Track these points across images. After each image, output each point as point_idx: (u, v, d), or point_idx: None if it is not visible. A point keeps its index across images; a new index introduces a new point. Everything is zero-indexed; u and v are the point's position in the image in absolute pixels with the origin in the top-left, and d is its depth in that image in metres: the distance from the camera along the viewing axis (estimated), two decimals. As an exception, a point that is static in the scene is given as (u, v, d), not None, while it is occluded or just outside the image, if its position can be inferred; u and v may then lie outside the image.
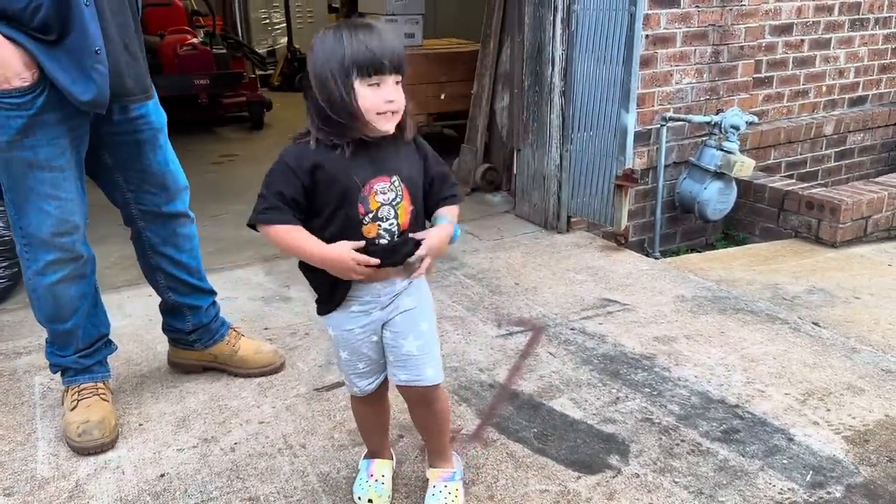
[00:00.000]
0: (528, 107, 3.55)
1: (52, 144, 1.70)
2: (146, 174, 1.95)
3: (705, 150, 3.60)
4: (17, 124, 1.66)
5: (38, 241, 1.80)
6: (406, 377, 1.56)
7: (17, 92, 1.62)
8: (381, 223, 1.45)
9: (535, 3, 3.37)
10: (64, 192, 1.76)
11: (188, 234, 2.09)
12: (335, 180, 1.41)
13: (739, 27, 3.69)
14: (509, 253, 3.27)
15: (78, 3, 1.59)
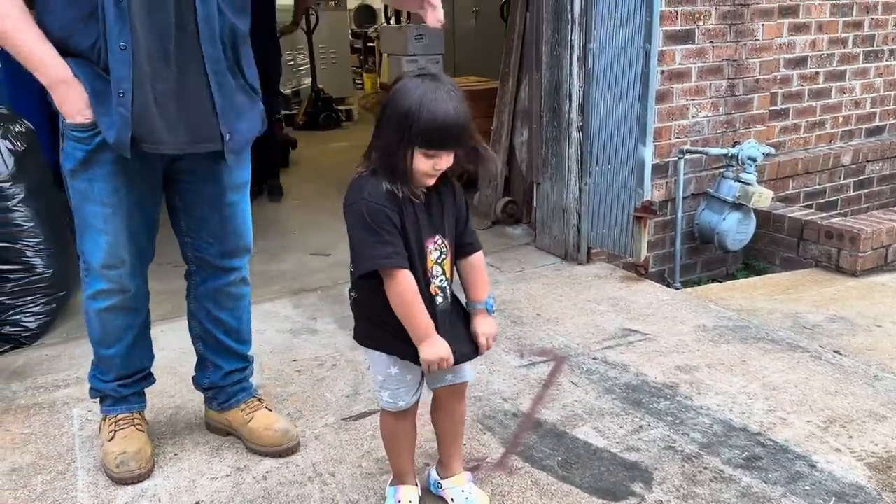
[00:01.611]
0: (547, 142, 3.63)
1: (106, 181, 1.76)
2: (205, 224, 1.95)
3: (723, 182, 3.65)
4: (79, 156, 1.74)
5: (91, 268, 1.87)
6: (452, 377, 1.68)
7: (81, 127, 1.71)
8: (435, 280, 1.58)
9: (552, 42, 3.47)
10: (113, 228, 1.81)
11: (235, 293, 2.06)
12: (407, 232, 1.52)
13: (754, 61, 3.76)
14: (530, 284, 3.33)
15: (112, 46, 1.63)
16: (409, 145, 1.45)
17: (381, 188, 1.50)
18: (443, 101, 1.44)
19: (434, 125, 1.43)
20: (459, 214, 1.65)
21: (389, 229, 1.49)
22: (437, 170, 1.50)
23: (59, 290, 2.97)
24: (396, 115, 1.46)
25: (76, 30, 1.63)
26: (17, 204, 2.82)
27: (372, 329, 1.64)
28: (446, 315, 1.62)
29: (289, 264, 3.75)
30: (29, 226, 2.85)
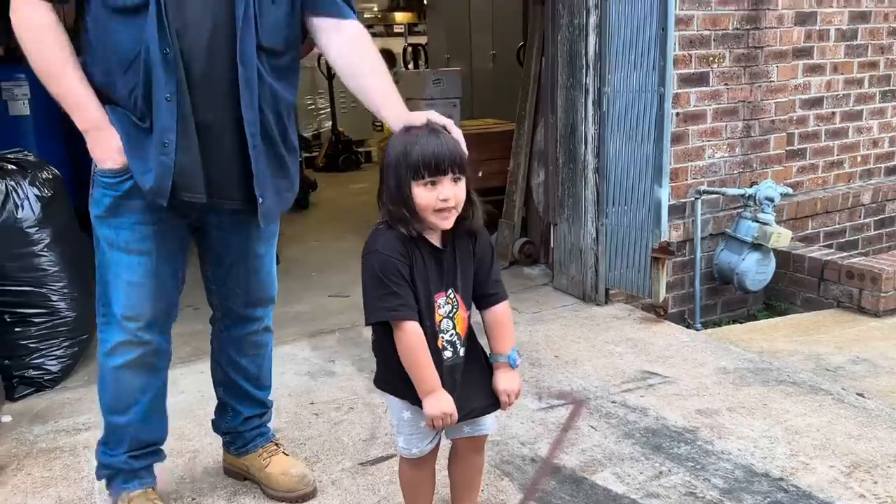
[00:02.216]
0: (563, 183, 3.65)
1: (133, 229, 1.75)
2: (232, 273, 1.95)
3: (741, 222, 3.64)
4: (107, 202, 1.73)
5: (112, 319, 1.82)
6: (470, 430, 1.67)
7: (111, 173, 1.70)
8: (444, 335, 1.59)
9: (567, 86, 3.52)
10: (138, 278, 1.78)
11: (258, 341, 2.07)
12: (416, 285, 1.54)
13: (769, 102, 3.78)
14: (548, 325, 3.32)
15: (159, 97, 1.63)
16: (407, 182, 1.51)
17: (393, 240, 1.54)
18: (431, 137, 1.53)
19: (425, 155, 1.50)
20: (482, 264, 1.66)
21: (398, 281, 1.53)
22: (443, 201, 1.52)
23: (82, 334, 3.00)
24: (392, 161, 1.54)
25: (116, 77, 1.65)
26: (43, 249, 2.88)
27: (386, 372, 1.65)
28: (456, 370, 1.62)
29: (307, 306, 3.78)
30: (54, 270, 2.90)
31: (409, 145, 1.52)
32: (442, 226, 1.56)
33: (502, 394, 1.65)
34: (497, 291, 1.70)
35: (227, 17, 1.66)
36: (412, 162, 1.50)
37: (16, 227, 2.81)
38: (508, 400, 1.65)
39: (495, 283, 1.70)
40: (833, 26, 3.99)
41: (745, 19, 3.61)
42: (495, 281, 1.70)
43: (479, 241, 1.67)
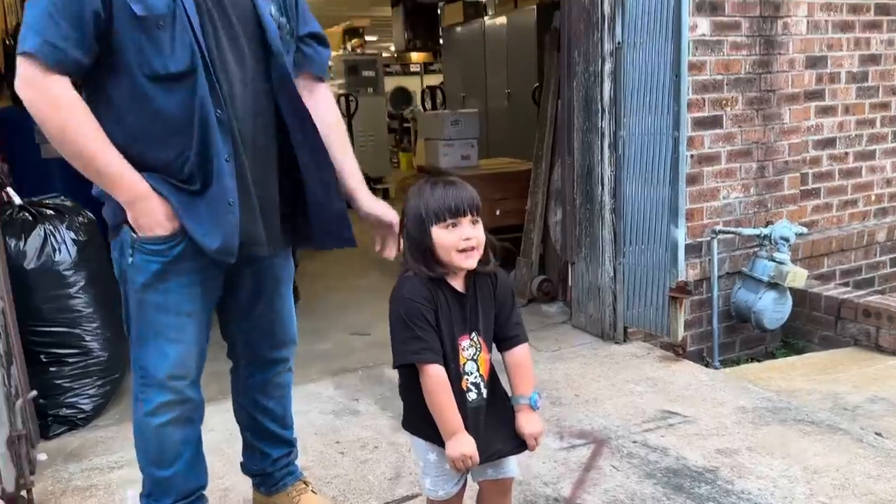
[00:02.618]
0: (581, 223, 3.73)
1: (181, 291, 1.76)
2: (259, 320, 1.99)
3: (757, 261, 3.69)
4: (154, 269, 1.73)
5: (154, 381, 1.81)
6: (493, 472, 1.72)
7: (159, 240, 1.70)
8: (468, 377, 1.66)
9: (583, 129, 3.62)
10: (186, 337, 1.81)
11: (282, 382, 2.12)
12: (441, 328, 1.62)
13: (782, 143, 3.86)
14: (568, 364, 3.37)
15: (219, 158, 1.68)
16: (429, 227, 1.61)
17: (419, 286, 1.63)
18: (447, 185, 1.63)
19: (443, 199, 1.60)
20: (502, 306, 1.73)
21: (423, 325, 1.60)
22: (465, 241, 1.60)
23: (113, 373, 3.09)
24: (412, 210, 1.64)
25: (154, 144, 1.67)
26: (78, 291, 2.98)
27: (412, 415, 1.72)
28: (480, 412, 1.67)
29: (329, 344, 3.85)
30: (88, 311, 3.00)
31: (428, 193, 1.63)
32: (466, 265, 1.63)
33: (529, 437, 1.70)
34: (517, 334, 1.76)
35: (263, 75, 1.78)
36: (433, 207, 1.60)
37: (53, 269, 2.92)
38: (535, 443, 1.71)
39: (515, 325, 1.76)
40: (844, 69, 4.08)
41: (756, 64, 3.71)
42: (515, 323, 1.77)
43: (499, 284, 1.74)
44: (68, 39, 1.56)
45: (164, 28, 1.61)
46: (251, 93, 1.75)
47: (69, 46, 1.57)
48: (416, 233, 1.64)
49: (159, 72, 1.63)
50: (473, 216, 1.62)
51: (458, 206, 1.60)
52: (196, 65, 1.64)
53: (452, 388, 1.63)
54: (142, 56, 1.62)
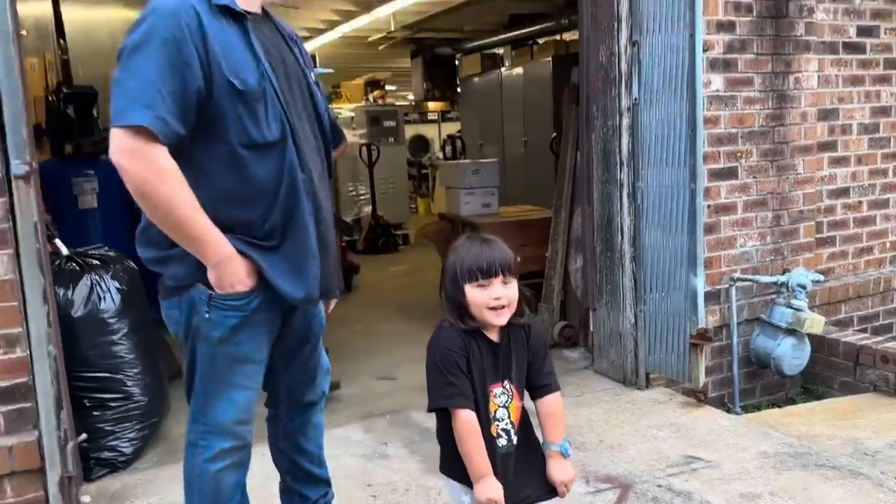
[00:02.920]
0: (601, 270, 3.84)
1: (254, 341, 1.88)
2: (304, 365, 2.10)
3: (775, 308, 3.78)
4: (231, 323, 1.82)
5: (218, 429, 1.90)
6: None
7: (238, 296, 1.80)
8: (499, 423, 1.77)
9: (602, 180, 3.75)
10: (254, 384, 1.93)
11: (319, 423, 2.21)
12: (473, 376, 1.74)
13: (797, 193, 3.97)
14: (591, 409, 3.44)
15: (303, 216, 1.82)
16: (462, 284, 1.74)
17: (454, 335, 1.76)
18: (482, 243, 1.76)
19: (476, 259, 1.73)
20: (535, 356, 1.84)
21: (455, 372, 1.73)
22: (495, 300, 1.72)
23: (152, 417, 3.20)
24: (450, 266, 1.78)
25: (238, 206, 1.78)
26: (121, 338, 3.11)
27: (447, 457, 1.82)
28: (510, 458, 1.77)
29: (356, 388, 3.94)
30: (130, 357, 3.13)
31: (464, 252, 1.76)
32: (496, 322, 1.76)
33: (559, 484, 1.79)
34: (549, 383, 1.87)
35: (320, 138, 1.97)
36: (466, 266, 1.73)
37: (98, 317, 3.06)
38: (566, 490, 1.80)
39: (547, 374, 1.87)
40: (855, 121, 4.21)
41: (769, 117, 3.85)
42: (547, 373, 1.87)
43: (532, 335, 1.85)
44: (173, 114, 1.67)
45: (260, 101, 1.77)
46: (316, 155, 1.93)
47: (175, 120, 1.67)
48: (451, 289, 1.77)
49: (257, 141, 1.77)
50: (505, 276, 1.74)
51: (489, 267, 1.72)
52: (285, 133, 1.81)
53: (483, 434, 1.73)
54: (240, 126, 1.76)
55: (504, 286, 1.74)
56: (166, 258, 1.84)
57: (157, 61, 1.66)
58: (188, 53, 1.69)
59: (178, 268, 1.83)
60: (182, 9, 1.70)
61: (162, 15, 1.69)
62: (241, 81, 1.75)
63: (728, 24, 3.68)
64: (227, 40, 1.76)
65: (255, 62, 1.79)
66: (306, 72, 1.99)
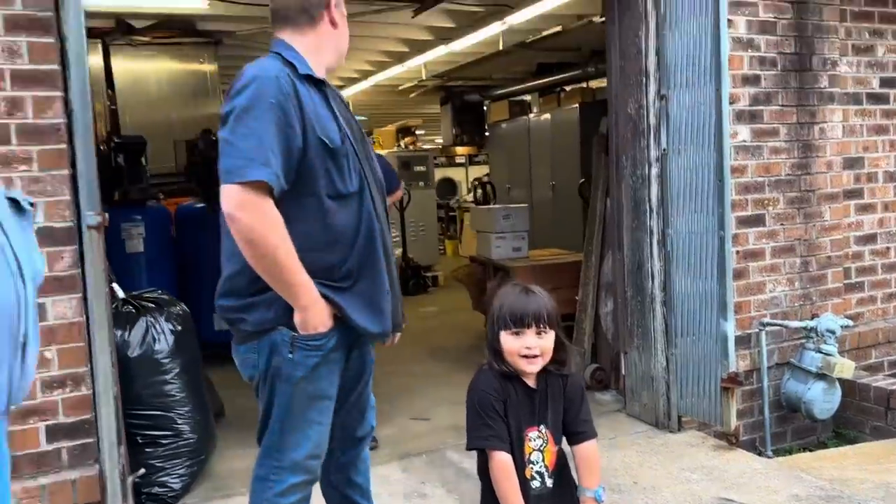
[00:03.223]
0: (632, 314, 3.93)
1: (329, 378, 2.01)
2: (357, 401, 2.22)
3: (805, 353, 3.84)
4: (312, 362, 1.96)
5: (291, 464, 2.01)
6: None
7: (319, 336, 1.94)
8: (533, 466, 1.88)
9: (632, 227, 3.87)
10: (326, 419, 2.05)
11: (366, 457, 2.33)
12: (509, 419, 1.86)
13: (824, 240, 4.06)
14: (624, 452, 3.51)
15: (378, 255, 1.98)
16: (498, 331, 1.87)
17: (492, 379, 1.88)
18: (520, 294, 1.89)
19: (512, 309, 1.86)
20: (571, 403, 1.94)
21: (492, 415, 1.85)
22: (527, 350, 1.84)
23: (200, 455, 3.33)
24: (492, 313, 1.92)
25: (327, 249, 1.95)
26: (173, 377, 3.27)
27: (487, 493, 1.93)
28: (542, 500, 1.88)
29: (393, 428, 4.04)
30: (181, 396, 3.28)
31: (503, 300, 1.89)
32: (528, 370, 1.88)
33: None
34: (585, 430, 1.97)
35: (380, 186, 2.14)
36: (503, 314, 1.87)
37: (153, 358, 3.22)
38: None
39: (584, 422, 1.97)
40: (881, 169, 4.30)
41: (795, 166, 3.96)
42: (584, 420, 1.97)
43: (569, 383, 1.96)
44: (282, 169, 1.85)
45: (345, 157, 1.98)
46: (382, 205, 2.10)
47: (283, 177, 1.85)
48: (490, 334, 1.90)
49: (341, 192, 1.96)
50: (539, 327, 1.86)
51: (523, 318, 1.85)
52: (363, 185, 2.01)
53: (518, 475, 1.84)
54: (328, 179, 1.95)
55: (538, 337, 1.85)
56: (250, 305, 1.97)
57: (267, 123, 1.84)
58: (290, 116, 1.87)
59: (263, 313, 1.95)
60: (280, 75, 1.89)
61: (265, 80, 1.87)
62: (331, 140, 1.95)
63: (753, 78, 3.83)
64: (315, 104, 1.96)
65: (336, 123, 1.99)
66: (363, 133, 2.19)
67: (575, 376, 1.98)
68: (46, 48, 2.60)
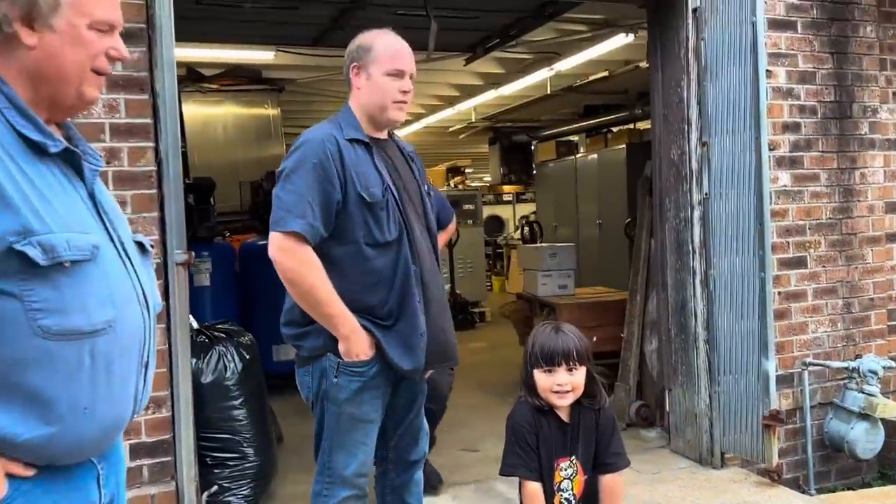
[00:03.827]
0: (676, 352, 4.05)
1: (372, 403, 2.24)
2: (409, 428, 2.42)
3: (847, 393, 3.90)
4: (355, 387, 2.20)
5: (339, 480, 2.24)
6: None
7: (361, 363, 2.18)
8: (563, 493, 2.07)
9: (676, 267, 4.01)
10: (370, 441, 2.27)
11: (419, 479, 2.50)
12: (540, 451, 2.05)
13: (867, 282, 4.14)
14: (668, 486, 3.61)
15: (413, 301, 2.20)
16: (532, 369, 2.05)
17: (527, 412, 2.08)
18: (551, 333, 2.08)
19: (542, 349, 2.05)
20: (602, 436, 2.11)
21: (524, 446, 2.05)
22: (559, 386, 2.02)
23: (262, 477, 3.56)
24: (527, 350, 2.11)
25: (364, 293, 2.20)
26: (241, 403, 3.51)
27: None
28: None
29: (443, 459, 4.21)
30: (246, 421, 3.51)
31: (536, 338, 2.09)
32: (559, 404, 2.06)
33: None
34: (614, 462, 2.13)
35: (429, 238, 2.36)
36: (534, 353, 2.06)
37: (223, 384, 3.47)
38: None
39: (614, 454, 2.13)
40: (924, 213, 4.37)
41: (837, 210, 4.07)
42: (614, 453, 2.14)
43: (601, 417, 2.14)
44: (319, 220, 2.15)
45: (384, 209, 2.22)
46: (427, 252, 2.32)
47: (320, 225, 2.15)
48: (524, 371, 2.09)
49: (379, 241, 2.21)
50: (570, 365, 2.04)
51: (553, 357, 2.05)
52: (402, 234, 2.24)
53: (547, 502, 2.02)
54: (366, 229, 2.21)
55: (569, 373, 2.04)
56: (304, 333, 2.27)
57: (308, 180, 2.16)
58: (331, 174, 2.19)
59: (314, 340, 2.25)
60: (326, 139, 2.22)
61: (311, 144, 2.21)
62: (370, 195, 2.21)
63: (793, 125, 3.97)
64: (359, 162, 2.24)
65: (380, 178, 2.25)
66: (420, 184, 2.42)
67: (607, 410, 2.15)
68: (141, 104, 2.93)
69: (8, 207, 1.20)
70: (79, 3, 1.28)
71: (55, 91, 1.32)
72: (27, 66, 1.29)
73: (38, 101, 1.31)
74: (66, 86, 1.32)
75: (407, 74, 2.29)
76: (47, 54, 1.28)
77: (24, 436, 1.24)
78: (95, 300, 1.30)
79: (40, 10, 1.25)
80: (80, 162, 1.37)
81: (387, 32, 2.33)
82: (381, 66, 2.27)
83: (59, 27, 1.27)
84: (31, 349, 1.23)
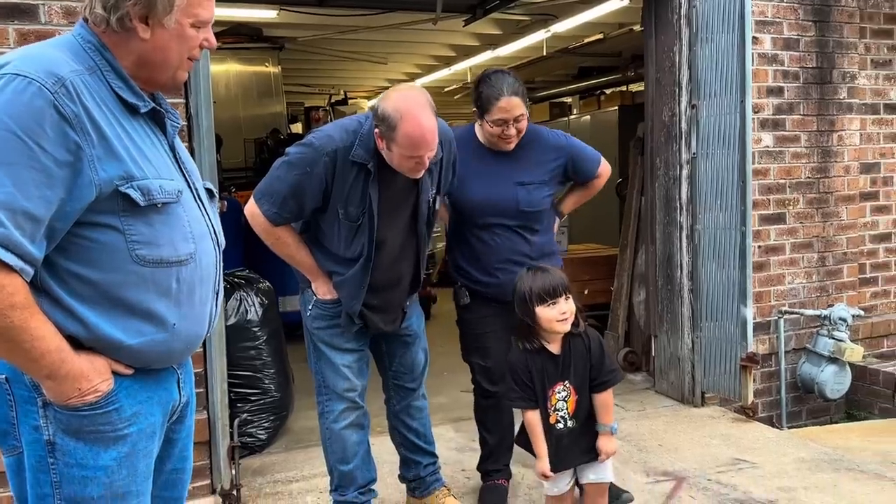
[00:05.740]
0: (662, 301, 4.36)
1: (344, 336, 2.61)
2: (403, 361, 2.81)
3: (819, 339, 4.24)
4: (324, 322, 2.61)
5: (334, 394, 2.63)
6: (594, 476, 2.42)
7: (328, 302, 2.59)
8: (559, 412, 2.39)
9: (664, 223, 4.30)
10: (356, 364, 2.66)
11: (419, 406, 2.88)
12: (535, 381, 2.35)
13: (841, 237, 4.44)
14: (652, 421, 3.96)
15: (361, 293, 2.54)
16: (534, 308, 2.32)
17: (520, 356, 2.40)
18: (541, 274, 2.37)
19: (542, 287, 2.33)
20: (595, 359, 2.41)
21: (520, 384, 2.38)
22: (562, 314, 2.30)
23: (282, 411, 3.87)
24: (519, 297, 2.37)
25: (337, 265, 2.57)
26: (261, 343, 3.80)
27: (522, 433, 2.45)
28: (563, 437, 2.38)
29: (445, 398, 4.54)
30: (267, 360, 3.81)
31: (530, 282, 2.36)
32: (563, 329, 2.35)
33: (603, 454, 2.39)
34: (609, 379, 2.43)
35: (413, 237, 2.65)
36: (535, 293, 2.33)
37: (245, 325, 3.76)
38: (604, 457, 2.40)
39: (608, 372, 2.44)
40: (896, 173, 4.67)
41: (815, 170, 4.35)
42: (609, 370, 2.44)
43: (591, 343, 2.43)
44: (289, 213, 2.48)
45: (355, 228, 2.50)
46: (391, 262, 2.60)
47: (288, 217, 2.50)
48: (522, 312, 2.37)
49: (341, 255, 2.55)
50: (566, 294, 2.34)
51: (555, 290, 2.33)
52: (364, 252, 2.51)
53: (544, 422, 2.35)
54: (338, 238, 2.53)
55: (567, 301, 2.33)
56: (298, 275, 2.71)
57: (294, 181, 2.44)
58: (316, 185, 2.43)
59: (300, 274, 2.68)
60: (327, 152, 2.43)
61: (316, 150, 2.44)
62: (346, 214, 2.48)
63: (777, 90, 4.23)
64: (351, 182, 2.44)
65: (363, 202, 2.47)
66: (421, 196, 2.57)
67: (594, 335, 2.44)
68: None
69: (115, 157, 1.46)
70: (188, 7, 1.52)
71: (156, 73, 1.56)
72: (138, 53, 1.53)
73: (138, 75, 1.55)
74: (166, 70, 1.56)
75: (425, 157, 2.38)
76: (156, 46, 1.52)
77: (127, 342, 1.51)
78: (180, 235, 1.57)
79: (157, 11, 1.49)
80: (163, 119, 1.62)
81: (412, 112, 2.32)
82: (401, 149, 2.35)
83: (169, 26, 1.51)
84: (131, 274, 1.50)
